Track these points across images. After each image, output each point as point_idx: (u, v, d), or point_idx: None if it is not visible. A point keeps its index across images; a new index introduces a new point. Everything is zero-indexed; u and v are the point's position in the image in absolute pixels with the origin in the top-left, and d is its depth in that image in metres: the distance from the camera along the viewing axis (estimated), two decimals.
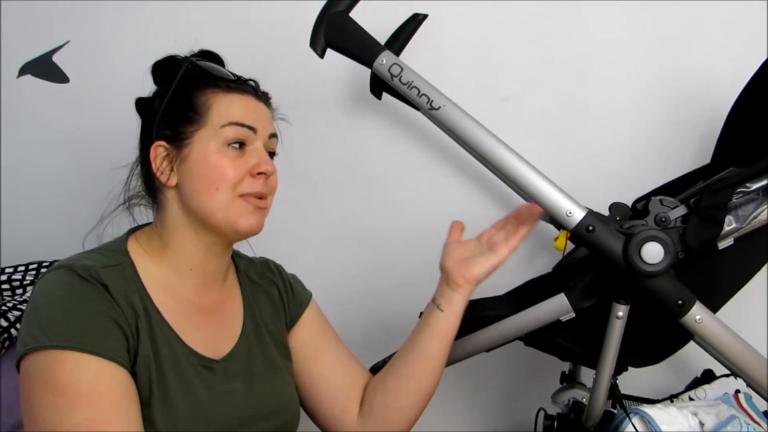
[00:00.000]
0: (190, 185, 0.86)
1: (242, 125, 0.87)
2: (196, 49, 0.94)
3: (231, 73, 0.92)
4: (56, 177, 1.56)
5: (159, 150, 0.88)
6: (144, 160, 0.90)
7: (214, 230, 0.88)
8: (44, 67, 1.55)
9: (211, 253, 0.90)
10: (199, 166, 0.86)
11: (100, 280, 0.79)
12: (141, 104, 0.93)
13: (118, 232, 0.92)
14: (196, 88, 0.88)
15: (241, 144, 0.88)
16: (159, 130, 0.88)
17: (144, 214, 0.95)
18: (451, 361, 1.06)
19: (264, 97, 0.94)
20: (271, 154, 0.94)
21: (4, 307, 1.15)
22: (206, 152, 0.86)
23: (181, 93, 0.88)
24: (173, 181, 0.87)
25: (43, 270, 1.32)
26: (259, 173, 0.87)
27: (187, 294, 0.89)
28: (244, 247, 1.02)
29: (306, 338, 1.02)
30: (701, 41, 1.34)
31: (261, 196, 0.88)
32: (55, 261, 1.36)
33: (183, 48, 0.93)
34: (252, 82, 0.93)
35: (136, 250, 0.87)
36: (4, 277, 1.26)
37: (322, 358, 1.01)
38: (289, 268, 1.09)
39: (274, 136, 0.94)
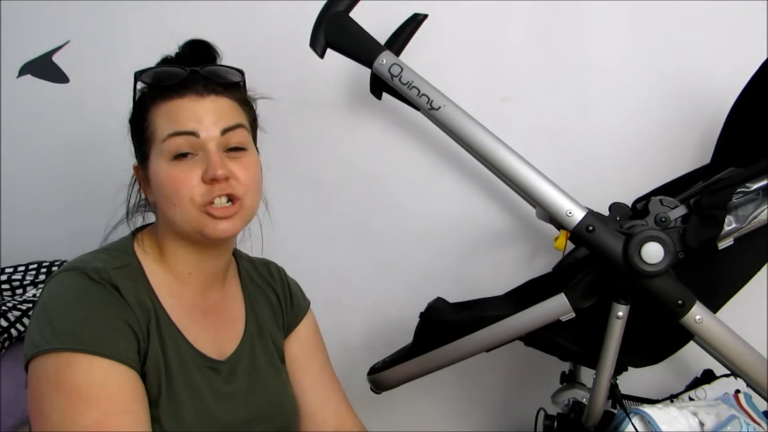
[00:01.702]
0: (158, 204, 0.86)
1: (179, 134, 0.81)
2: (182, 42, 0.90)
3: (183, 68, 0.84)
4: (56, 177, 1.56)
5: (138, 171, 0.90)
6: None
7: (192, 240, 0.87)
8: (44, 67, 1.55)
9: (205, 257, 0.90)
10: (158, 185, 0.84)
11: (112, 282, 0.79)
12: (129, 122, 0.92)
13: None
14: (146, 103, 0.86)
15: (189, 154, 0.82)
16: (135, 151, 0.89)
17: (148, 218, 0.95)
18: (451, 361, 1.07)
19: (214, 89, 0.84)
20: (239, 149, 0.85)
21: (4, 307, 1.15)
22: (158, 171, 0.83)
23: (138, 111, 0.87)
24: (152, 199, 0.88)
25: (43, 270, 1.32)
26: (212, 179, 0.81)
27: (191, 295, 0.89)
28: (245, 247, 1.02)
29: (296, 353, 1.01)
30: (701, 41, 1.34)
31: (231, 199, 0.83)
32: (55, 261, 1.36)
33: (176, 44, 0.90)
34: (195, 77, 0.84)
35: (141, 251, 0.87)
36: (4, 277, 1.27)
37: (304, 380, 1.00)
38: (289, 268, 1.09)
39: (234, 127, 0.84)
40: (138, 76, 0.86)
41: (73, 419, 0.72)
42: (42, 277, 1.30)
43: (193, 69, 0.85)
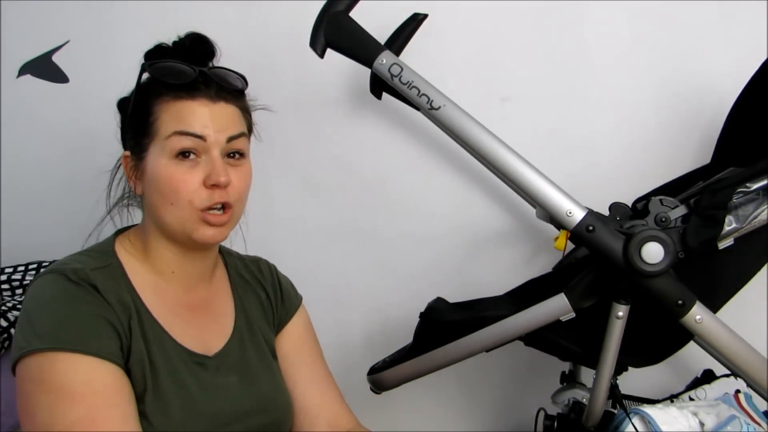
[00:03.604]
0: (149, 198, 0.86)
1: (187, 134, 0.82)
2: (183, 33, 0.90)
3: (193, 68, 0.85)
4: (56, 177, 1.56)
5: (127, 160, 0.88)
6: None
7: (177, 239, 0.87)
8: (44, 67, 1.55)
9: (187, 257, 0.90)
10: (154, 180, 0.84)
11: (90, 281, 0.79)
12: (119, 107, 0.92)
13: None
14: (151, 96, 0.85)
15: (194, 153, 0.83)
16: (127, 140, 0.89)
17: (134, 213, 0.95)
18: (451, 361, 1.07)
19: (224, 96, 0.86)
20: (239, 156, 0.87)
21: (3, 307, 1.15)
22: (157, 166, 0.83)
23: (140, 102, 0.86)
24: (140, 191, 0.88)
25: (42, 270, 1.32)
26: (212, 185, 0.83)
27: (175, 293, 0.89)
28: (240, 246, 1.02)
29: (289, 350, 1.01)
30: (701, 41, 1.34)
31: (224, 206, 0.84)
32: (55, 261, 1.36)
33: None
34: (205, 79, 0.85)
35: (123, 251, 0.88)
36: (4, 277, 1.26)
37: (297, 376, 1.00)
38: (289, 268, 1.09)
39: (238, 136, 0.86)
40: (146, 67, 0.86)
41: (60, 417, 0.73)
42: None
43: (202, 70, 0.86)
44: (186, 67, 0.85)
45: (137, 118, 0.86)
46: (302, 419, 0.98)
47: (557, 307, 1.01)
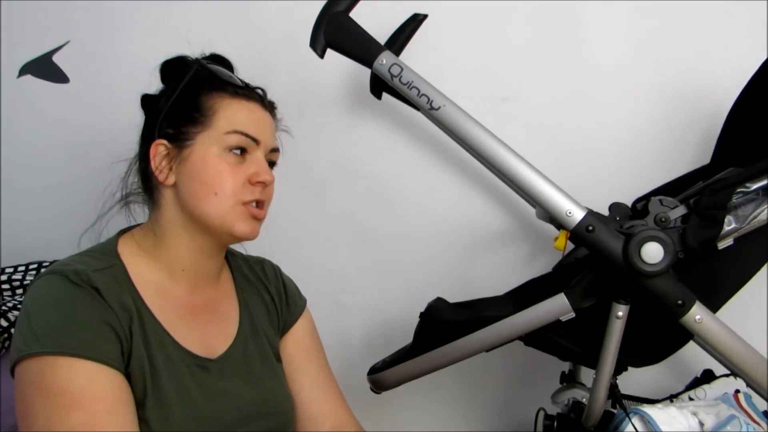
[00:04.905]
0: (187, 187, 0.86)
1: (246, 135, 0.87)
2: (207, 52, 0.94)
3: (240, 79, 0.92)
4: (56, 177, 1.56)
5: (159, 148, 0.87)
6: (143, 156, 0.90)
7: (208, 232, 0.88)
8: (44, 67, 1.55)
9: (203, 254, 0.90)
10: (199, 169, 0.86)
11: (92, 283, 0.79)
12: (146, 101, 0.93)
13: (115, 230, 0.92)
14: (204, 90, 0.89)
15: (243, 150, 0.88)
16: (161, 129, 0.88)
17: (139, 212, 0.95)
18: (451, 361, 1.07)
19: (270, 107, 0.95)
20: (271, 164, 0.94)
21: (4, 307, 1.15)
22: (207, 156, 0.86)
23: (188, 94, 0.88)
24: (171, 180, 0.87)
25: (43, 270, 1.32)
26: (258, 182, 0.88)
27: (180, 294, 0.89)
28: (239, 246, 1.02)
29: (293, 353, 1.01)
30: (701, 41, 1.34)
31: (259, 205, 0.89)
32: (55, 261, 1.36)
33: (194, 49, 0.93)
34: (260, 90, 0.94)
35: (127, 251, 0.87)
36: (4, 277, 1.26)
37: (302, 381, 1.00)
38: (289, 269, 1.09)
39: (276, 150, 0.94)
40: (203, 63, 0.91)
41: (59, 422, 0.72)
42: None
43: (246, 83, 0.92)
44: (235, 76, 0.92)
45: (185, 107, 0.88)
46: (305, 424, 0.98)
47: (557, 307, 1.01)
